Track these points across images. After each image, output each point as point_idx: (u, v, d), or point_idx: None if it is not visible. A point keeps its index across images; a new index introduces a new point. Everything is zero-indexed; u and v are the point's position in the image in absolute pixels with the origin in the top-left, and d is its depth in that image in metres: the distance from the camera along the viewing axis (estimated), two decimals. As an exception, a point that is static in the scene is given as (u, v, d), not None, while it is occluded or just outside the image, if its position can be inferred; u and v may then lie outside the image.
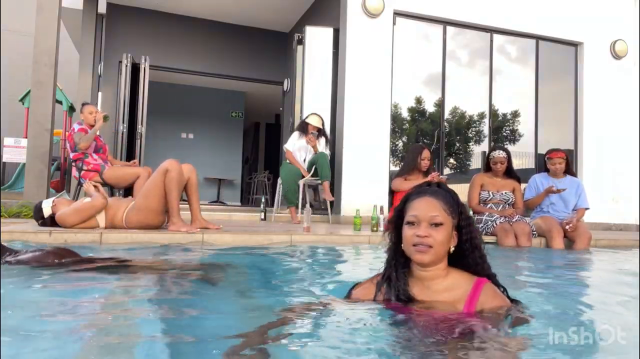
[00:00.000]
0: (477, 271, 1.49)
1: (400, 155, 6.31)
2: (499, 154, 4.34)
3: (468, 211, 1.61)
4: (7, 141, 7.42)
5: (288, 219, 5.22)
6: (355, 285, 1.60)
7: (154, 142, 9.61)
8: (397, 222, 1.52)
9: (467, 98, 6.67)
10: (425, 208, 1.44)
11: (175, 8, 7.97)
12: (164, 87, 10.26)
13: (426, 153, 4.48)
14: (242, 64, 8.53)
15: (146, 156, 7.12)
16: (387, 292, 1.50)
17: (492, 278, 1.51)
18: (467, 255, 1.49)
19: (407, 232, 1.45)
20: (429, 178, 4.39)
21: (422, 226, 1.43)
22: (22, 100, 8.75)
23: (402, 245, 1.48)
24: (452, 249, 1.48)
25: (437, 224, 1.43)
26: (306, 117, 5.37)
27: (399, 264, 1.51)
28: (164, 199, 3.43)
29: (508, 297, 1.51)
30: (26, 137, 6.36)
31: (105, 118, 4.47)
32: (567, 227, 4.11)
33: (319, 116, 5.32)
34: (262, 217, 5.32)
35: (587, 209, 4.41)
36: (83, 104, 4.74)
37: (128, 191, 4.52)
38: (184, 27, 8.19)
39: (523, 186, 4.58)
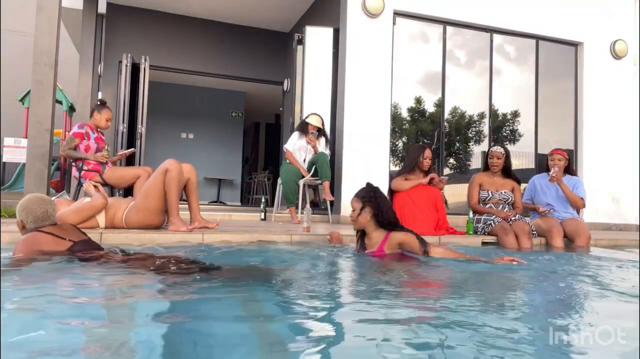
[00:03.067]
0: (387, 225, 2.87)
1: (400, 155, 6.31)
2: (496, 148, 4.35)
3: (376, 194, 2.95)
4: (7, 141, 7.42)
5: (288, 219, 5.22)
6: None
7: (154, 142, 9.61)
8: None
9: (467, 98, 6.67)
10: (351, 202, 2.99)
11: (175, 8, 7.98)
12: (164, 87, 10.26)
13: (428, 153, 4.48)
14: (242, 64, 8.53)
15: (146, 156, 7.13)
16: (359, 243, 3.02)
17: (399, 229, 2.87)
18: (381, 218, 2.85)
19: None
20: (428, 178, 4.39)
21: (351, 212, 2.97)
22: (22, 100, 8.75)
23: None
24: (370, 216, 2.89)
25: (353, 209, 2.95)
26: (306, 117, 5.37)
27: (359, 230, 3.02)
28: (164, 199, 3.43)
29: (421, 241, 2.77)
30: (26, 137, 6.36)
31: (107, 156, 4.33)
32: (552, 174, 4.12)
33: (318, 115, 5.32)
34: (262, 217, 5.32)
35: (582, 198, 4.33)
36: (101, 103, 4.49)
37: (128, 191, 4.51)
38: (184, 27, 8.19)
39: (523, 186, 4.59)
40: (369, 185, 3.00)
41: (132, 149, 4.78)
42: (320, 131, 5.27)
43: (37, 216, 2.39)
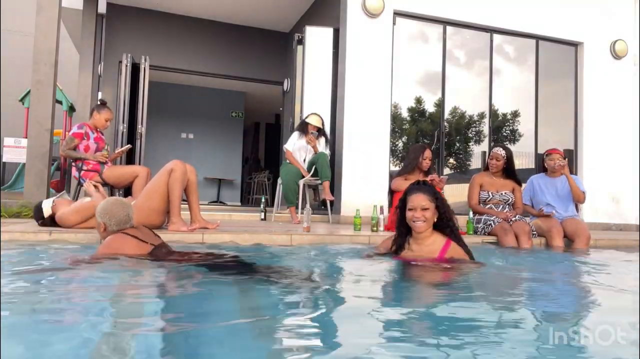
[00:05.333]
0: (449, 233, 2.61)
1: (400, 155, 6.30)
2: (497, 150, 4.34)
3: (442, 196, 2.68)
4: (7, 141, 7.42)
5: (288, 219, 5.22)
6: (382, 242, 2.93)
7: (154, 142, 9.61)
8: (402, 207, 2.64)
9: (467, 98, 6.67)
10: (418, 200, 2.55)
11: (175, 8, 7.97)
12: (164, 87, 10.27)
13: (428, 153, 4.48)
14: (242, 64, 8.53)
15: (146, 156, 7.12)
16: (396, 245, 2.70)
17: (458, 239, 2.62)
18: (445, 220, 2.60)
19: (409, 214, 2.57)
20: (428, 179, 4.38)
21: (417, 210, 2.54)
22: (22, 100, 8.76)
23: (407, 220, 2.59)
24: (435, 220, 2.59)
25: (425, 209, 2.54)
26: (306, 117, 5.37)
27: (404, 231, 2.66)
28: (167, 199, 3.43)
29: (469, 254, 2.62)
30: (26, 137, 6.36)
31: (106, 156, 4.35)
32: (561, 164, 4.15)
33: (318, 115, 5.32)
34: (262, 217, 5.32)
35: (584, 192, 4.33)
36: (101, 103, 4.48)
37: (128, 191, 4.52)
38: (184, 27, 8.19)
39: (524, 186, 4.58)
40: (426, 183, 2.69)
41: (129, 145, 4.76)
42: (320, 131, 5.27)
43: (120, 218, 2.50)
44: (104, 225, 2.50)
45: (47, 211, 3.38)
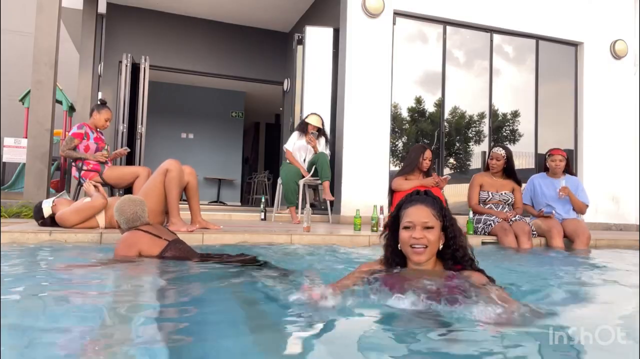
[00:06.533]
0: (462, 263, 1.74)
1: (400, 155, 6.30)
2: (497, 150, 4.34)
3: (450, 214, 1.78)
4: (7, 141, 7.42)
5: (288, 219, 5.22)
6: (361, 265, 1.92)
7: (154, 142, 9.61)
8: (393, 226, 1.81)
9: (467, 98, 6.67)
10: (419, 214, 1.72)
11: (175, 8, 7.97)
12: (164, 87, 10.27)
13: (428, 153, 4.49)
14: (242, 64, 8.53)
15: (146, 156, 7.12)
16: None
17: (474, 267, 1.76)
18: (453, 250, 1.75)
19: (405, 235, 1.72)
20: (431, 180, 4.38)
21: (417, 229, 1.70)
22: (22, 100, 8.75)
23: (399, 245, 1.76)
24: (441, 246, 1.74)
25: (428, 227, 1.70)
26: (306, 117, 5.37)
27: (394, 262, 1.80)
28: (164, 199, 3.43)
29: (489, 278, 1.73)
30: (26, 137, 6.36)
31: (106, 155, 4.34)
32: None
33: (318, 115, 5.32)
34: (262, 217, 5.32)
35: (587, 205, 4.38)
36: (102, 103, 4.48)
37: (128, 191, 4.51)
38: (184, 27, 8.19)
39: (524, 186, 4.58)
40: (429, 193, 1.81)
41: (126, 148, 4.76)
42: (320, 131, 5.27)
43: (127, 217, 2.57)
44: (117, 223, 2.62)
45: (47, 211, 3.38)
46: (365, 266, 1.88)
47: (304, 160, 5.28)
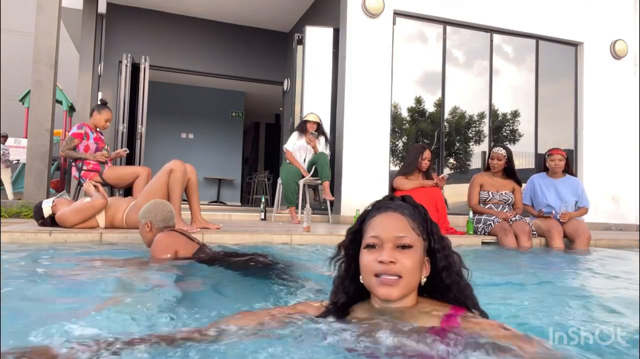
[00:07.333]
0: (460, 303, 1.13)
1: (400, 155, 6.30)
2: (498, 150, 4.34)
3: (440, 231, 1.19)
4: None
5: (288, 219, 5.22)
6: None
7: (154, 142, 9.61)
8: (351, 247, 1.19)
9: (467, 98, 6.67)
10: (390, 226, 1.12)
11: (175, 8, 7.97)
12: (164, 87, 10.27)
13: (427, 153, 4.49)
14: (242, 64, 8.53)
15: (146, 156, 7.12)
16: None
17: (476, 310, 1.13)
18: (444, 286, 1.14)
19: (367, 258, 1.11)
20: (431, 181, 4.38)
21: (386, 248, 1.10)
22: (22, 100, 8.76)
23: (361, 276, 1.14)
24: (424, 279, 1.14)
25: (405, 246, 1.10)
26: (304, 117, 5.39)
27: (349, 301, 1.17)
28: (167, 199, 3.43)
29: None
30: (26, 137, 6.36)
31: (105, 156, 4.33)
32: (559, 218, 4.13)
33: (315, 114, 5.35)
34: (262, 217, 5.32)
35: (587, 208, 4.40)
36: (102, 104, 4.47)
37: (128, 191, 4.51)
38: (184, 27, 8.19)
39: (524, 186, 4.57)
40: (407, 199, 1.22)
41: (126, 149, 4.75)
42: (320, 130, 5.28)
43: (165, 215, 2.59)
44: (149, 224, 2.57)
45: (47, 211, 3.38)
46: (303, 306, 1.24)
47: (304, 160, 5.28)
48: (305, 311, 1.20)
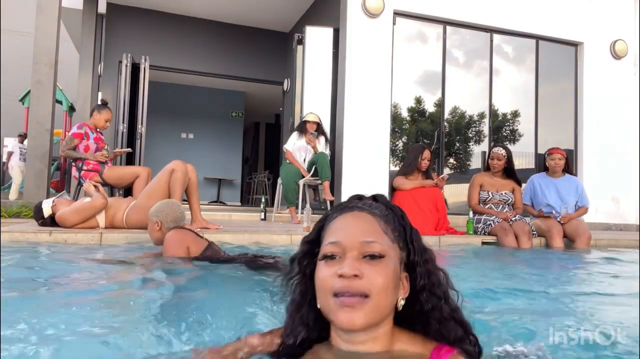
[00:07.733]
0: (445, 335, 0.87)
1: (400, 155, 6.31)
2: (497, 150, 4.34)
3: (421, 240, 0.93)
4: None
5: (288, 219, 5.22)
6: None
7: (154, 142, 9.61)
8: (307, 263, 0.91)
9: (467, 98, 6.67)
10: (354, 229, 0.86)
11: (175, 8, 7.97)
12: (164, 87, 10.26)
13: (427, 153, 4.49)
14: (242, 64, 8.52)
15: (146, 156, 7.12)
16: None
17: (467, 345, 0.88)
18: (426, 311, 0.88)
19: (324, 272, 0.84)
20: (431, 181, 4.37)
21: (348, 258, 0.83)
22: (22, 100, 8.75)
23: (318, 299, 0.86)
24: (402, 301, 0.87)
25: (374, 256, 0.83)
26: (304, 117, 5.39)
27: (306, 332, 0.90)
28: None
29: None
30: (26, 137, 6.35)
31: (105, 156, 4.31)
32: (559, 219, 4.13)
33: (315, 114, 5.35)
34: (262, 217, 5.32)
35: (587, 208, 4.40)
36: (102, 104, 4.47)
37: (128, 191, 4.51)
38: (184, 27, 8.19)
39: (524, 186, 4.58)
40: (379, 198, 0.95)
41: (129, 148, 4.75)
42: (320, 130, 5.28)
43: (176, 216, 2.63)
44: (159, 223, 2.60)
45: (47, 211, 3.38)
46: (255, 338, 0.97)
47: (304, 160, 5.28)
48: (252, 348, 0.93)
